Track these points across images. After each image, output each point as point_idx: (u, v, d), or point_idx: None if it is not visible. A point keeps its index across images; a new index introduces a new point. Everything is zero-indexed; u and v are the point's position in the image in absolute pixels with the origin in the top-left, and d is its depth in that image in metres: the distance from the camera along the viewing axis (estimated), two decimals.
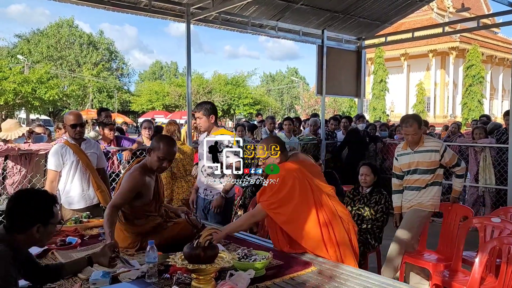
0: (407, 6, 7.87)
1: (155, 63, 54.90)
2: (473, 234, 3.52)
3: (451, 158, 3.68)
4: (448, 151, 3.70)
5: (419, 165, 3.71)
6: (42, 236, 1.84)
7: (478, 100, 26.22)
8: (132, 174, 2.70)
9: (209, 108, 3.61)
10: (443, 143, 3.74)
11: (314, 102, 36.25)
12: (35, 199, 1.85)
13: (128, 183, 2.66)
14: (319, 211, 2.63)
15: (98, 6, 5.68)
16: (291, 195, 2.61)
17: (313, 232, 2.59)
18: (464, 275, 3.23)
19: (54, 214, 1.88)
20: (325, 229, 2.61)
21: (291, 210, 2.60)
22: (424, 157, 3.69)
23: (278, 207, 2.61)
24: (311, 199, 2.64)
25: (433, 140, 3.81)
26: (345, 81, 8.30)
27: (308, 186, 2.66)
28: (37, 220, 1.81)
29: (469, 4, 25.43)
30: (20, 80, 24.30)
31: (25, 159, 4.50)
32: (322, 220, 2.62)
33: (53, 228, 1.90)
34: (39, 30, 38.90)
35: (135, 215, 2.71)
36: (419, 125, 3.70)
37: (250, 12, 7.07)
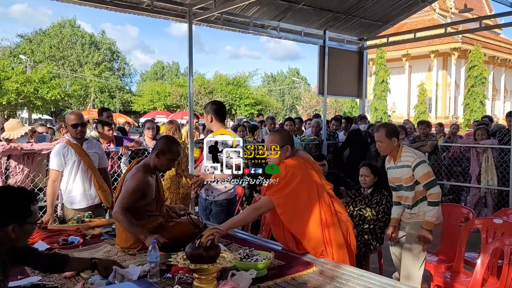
0: (409, 6, 7.86)
1: (157, 63, 55.03)
2: (474, 236, 3.52)
3: (423, 175, 3.25)
4: (421, 166, 3.26)
5: (402, 181, 3.40)
6: (18, 236, 1.71)
7: (480, 101, 26.18)
8: (136, 175, 2.71)
9: (218, 109, 3.62)
10: (417, 157, 3.32)
11: (315, 103, 36.23)
12: (9, 197, 1.72)
13: (133, 183, 2.68)
14: (322, 210, 2.62)
15: (100, 6, 5.68)
16: (298, 190, 2.60)
17: (315, 232, 2.59)
18: (466, 276, 3.23)
19: (32, 213, 1.75)
20: (326, 229, 2.61)
21: (296, 206, 2.59)
22: (402, 172, 3.37)
23: (284, 202, 2.60)
24: (316, 196, 2.64)
25: (408, 154, 3.37)
26: (347, 82, 8.30)
27: (314, 183, 2.66)
28: (12, 219, 1.68)
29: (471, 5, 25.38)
30: (23, 80, 24.34)
31: (28, 158, 4.52)
32: (324, 220, 2.61)
33: (31, 227, 1.79)
34: (42, 30, 39.01)
35: (137, 216, 2.71)
36: (388, 134, 3.38)
37: (252, 13, 7.07)
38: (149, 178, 2.77)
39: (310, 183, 2.65)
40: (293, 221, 2.60)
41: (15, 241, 1.75)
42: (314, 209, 2.61)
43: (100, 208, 3.82)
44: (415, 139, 6.97)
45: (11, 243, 1.76)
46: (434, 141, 6.79)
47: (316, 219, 2.60)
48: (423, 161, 3.31)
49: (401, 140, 3.59)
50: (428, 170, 3.28)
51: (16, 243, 1.78)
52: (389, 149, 3.43)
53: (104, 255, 2.58)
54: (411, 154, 3.36)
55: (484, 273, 2.84)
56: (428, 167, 3.31)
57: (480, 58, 26.44)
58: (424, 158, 3.39)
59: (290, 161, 2.70)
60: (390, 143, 3.40)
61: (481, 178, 6.28)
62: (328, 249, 2.59)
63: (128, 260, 2.50)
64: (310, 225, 2.60)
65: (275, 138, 2.77)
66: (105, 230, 3.11)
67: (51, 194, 3.56)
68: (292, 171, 2.63)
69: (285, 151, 2.73)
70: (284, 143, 2.73)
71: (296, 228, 2.61)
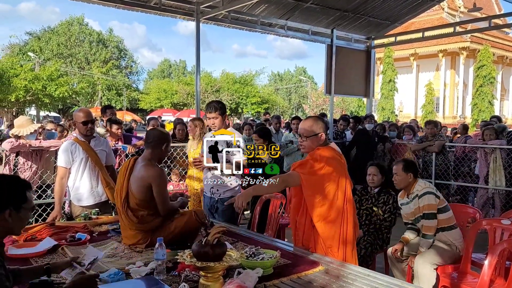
0: (417, 6, 7.83)
1: (164, 61, 55.11)
2: (482, 236, 3.50)
3: (426, 205, 3.34)
4: (427, 197, 3.35)
5: (417, 212, 3.45)
6: (14, 222, 1.75)
7: (489, 101, 25.95)
8: (160, 170, 2.79)
9: (223, 107, 3.69)
10: (426, 187, 3.41)
11: (322, 102, 36.13)
12: (4, 181, 1.78)
13: (164, 178, 2.81)
14: (345, 205, 2.62)
15: (109, 5, 5.72)
16: (329, 178, 2.59)
17: (332, 227, 2.60)
18: (473, 277, 3.20)
19: (27, 199, 1.80)
20: (343, 227, 2.62)
21: (323, 192, 2.59)
22: (414, 204, 3.46)
23: (313, 185, 2.60)
24: (343, 190, 2.63)
25: (420, 184, 3.47)
26: (354, 81, 8.27)
27: (344, 177, 2.65)
28: (8, 203, 1.73)
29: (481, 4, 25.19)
30: (31, 77, 24.55)
31: (36, 155, 4.55)
32: (344, 216, 2.62)
33: (26, 214, 1.82)
34: (50, 28, 39.22)
35: (149, 212, 2.74)
36: (404, 168, 3.46)
37: (260, 11, 7.07)
38: None
39: (340, 175, 2.63)
40: (316, 207, 2.60)
41: (12, 228, 1.79)
42: (338, 201, 2.61)
43: (107, 205, 3.85)
44: (422, 139, 6.94)
45: (7, 230, 1.80)
46: (442, 141, 6.75)
47: (337, 212, 2.60)
48: (431, 193, 3.38)
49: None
50: (431, 203, 3.34)
51: (12, 230, 1.82)
52: (403, 183, 3.53)
53: (111, 252, 2.59)
54: (422, 185, 3.45)
55: (491, 274, 2.82)
56: (433, 200, 3.36)
57: (489, 57, 26.21)
58: (433, 190, 3.43)
59: (325, 150, 2.66)
60: (406, 177, 3.50)
61: (489, 178, 6.24)
62: (340, 247, 2.59)
63: (135, 257, 2.51)
64: (331, 217, 2.59)
65: (309, 124, 2.72)
66: (112, 227, 3.12)
67: (59, 191, 3.59)
68: (327, 160, 2.60)
69: (319, 138, 2.68)
70: (318, 130, 2.69)
71: (317, 215, 2.61)
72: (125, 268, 2.25)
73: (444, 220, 3.39)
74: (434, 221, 3.34)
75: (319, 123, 2.72)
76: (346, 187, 2.65)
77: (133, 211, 2.72)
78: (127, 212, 2.71)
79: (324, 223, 2.61)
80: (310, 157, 2.69)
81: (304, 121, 2.82)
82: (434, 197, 3.38)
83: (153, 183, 2.69)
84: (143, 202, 2.71)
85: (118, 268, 2.22)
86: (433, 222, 3.33)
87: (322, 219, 2.61)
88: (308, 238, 2.71)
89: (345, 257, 2.62)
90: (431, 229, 3.35)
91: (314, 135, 2.68)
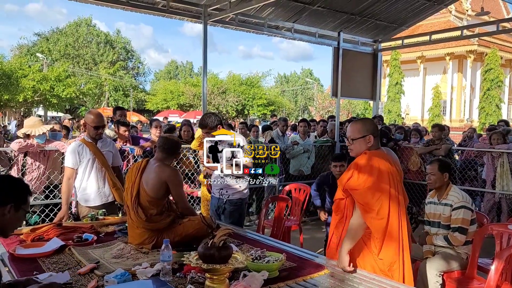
0: (424, 9, 7.80)
1: (171, 62, 55.30)
2: (488, 241, 3.48)
3: (459, 219, 3.32)
4: (463, 211, 3.32)
5: (441, 218, 3.47)
6: (10, 219, 1.83)
7: (496, 104, 25.80)
8: (175, 170, 2.94)
9: (217, 120, 3.62)
10: (463, 201, 3.36)
11: (329, 104, 36.08)
12: (11, 180, 1.92)
13: (180, 178, 2.94)
14: (400, 224, 2.46)
15: (117, 7, 5.76)
16: (376, 189, 2.41)
17: (392, 241, 2.44)
18: (479, 282, 3.19)
19: (27, 202, 1.91)
20: (401, 240, 2.46)
21: (379, 201, 2.41)
22: (444, 210, 3.45)
23: (361, 199, 2.42)
24: (396, 205, 2.46)
25: (456, 194, 3.43)
26: (361, 84, 8.25)
27: (395, 189, 2.45)
28: (11, 199, 1.82)
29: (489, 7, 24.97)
30: (39, 78, 24.76)
31: (44, 156, 4.59)
32: (401, 231, 2.46)
33: (22, 215, 1.93)
34: (58, 29, 39.52)
35: (158, 211, 2.81)
36: (441, 168, 3.45)
37: (267, 14, 7.08)
38: None
39: (393, 181, 2.45)
40: (373, 219, 2.40)
41: (5, 226, 1.86)
42: (392, 218, 2.44)
43: (114, 206, 3.88)
44: (429, 142, 6.91)
45: (2, 226, 1.86)
46: (449, 144, 6.72)
47: (395, 225, 2.44)
48: (467, 208, 3.35)
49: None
50: (466, 218, 3.32)
51: (5, 228, 1.89)
52: (438, 183, 3.52)
53: (118, 252, 2.61)
54: (458, 196, 3.42)
55: (498, 279, 2.81)
56: (468, 216, 3.34)
57: (497, 61, 26.06)
58: (469, 205, 3.40)
59: (373, 155, 2.48)
60: (441, 177, 3.50)
61: (496, 183, 6.19)
62: (400, 263, 2.44)
63: (141, 258, 2.53)
64: (391, 228, 2.43)
65: (356, 126, 2.58)
66: (118, 228, 3.15)
67: (66, 192, 3.62)
68: (370, 169, 2.43)
69: (367, 141, 2.52)
70: (366, 132, 2.52)
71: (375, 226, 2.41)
72: (131, 269, 2.26)
73: (471, 233, 3.38)
74: (464, 236, 3.35)
75: (367, 125, 2.57)
76: (399, 202, 2.45)
77: (144, 209, 2.77)
78: (137, 209, 2.76)
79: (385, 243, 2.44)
80: (354, 166, 2.51)
81: (353, 123, 2.66)
82: (470, 212, 3.38)
83: (170, 182, 2.82)
84: (155, 200, 2.79)
85: (125, 269, 2.24)
86: (464, 237, 3.34)
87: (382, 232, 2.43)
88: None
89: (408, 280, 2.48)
90: (461, 242, 3.34)
91: (361, 138, 2.53)
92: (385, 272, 2.43)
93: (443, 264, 3.30)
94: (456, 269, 3.33)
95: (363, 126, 2.56)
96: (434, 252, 3.47)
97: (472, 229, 3.40)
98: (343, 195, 2.57)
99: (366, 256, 2.48)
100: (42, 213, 4.57)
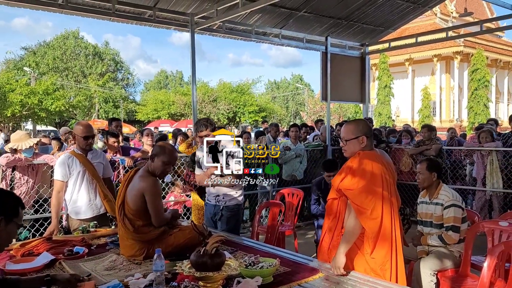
0: (410, 11, 7.88)
1: (160, 72, 55.23)
2: (481, 239, 3.50)
3: (451, 217, 3.36)
4: (454, 209, 3.36)
5: (433, 218, 3.50)
6: (2, 233, 1.81)
7: (484, 104, 26.11)
8: (154, 181, 2.78)
9: (212, 124, 3.78)
10: (453, 199, 3.41)
11: (320, 109, 36.21)
12: (2, 193, 1.89)
13: (158, 189, 2.79)
14: (393, 225, 2.47)
15: (104, 18, 5.75)
16: (369, 191, 2.42)
17: (384, 242, 2.44)
18: (473, 280, 3.20)
19: (19, 215, 1.87)
20: (394, 242, 2.47)
21: (373, 202, 2.42)
22: (435, 209, 3.49)
23: (359, 196, 2.42)
24: (389, 207, 2.47)
25: (446, 193, 3.48)
26: (350, 87, 8.30)
27: (388, 191, 2.46)
28: (1, 212, 1.79)
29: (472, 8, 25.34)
30: (27, 92, 24.54)
31: (32, 170, 4.55)
32: (394, 232, 2.47)
33: (13, 230, 1.88)
34: (45, 42, 39.32)
35: (144, 223, 2.74)
36: (429, 168, 3.50)
37: (254, 21, 7.11)
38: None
39: (386, 182, 2.46)
40: (367, 219, 2.41)
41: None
42: (385, 220, 2.45)
43: (106, 218, 3.83)
44: (420, 143, 6.96)
45: None
46: (439, 144, 6.77)
47: (388, 225, 2.45)
48: (457, 206, 3.39)
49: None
50: (457, 216, 3.36)
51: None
52: (427, 182, 3.55)
53: (110, 264, 2.58)
54: (448, 194, 3.46)
55: (491, 276, 2.82)
56: (459, 214, 3.38)
57: (483, 61, 26.42)
58: (459, 203, 3.43)
59: (366, 156, 2.49)
60: (430, 177, 3.53)
61: (486, 181, 6.25)
62: (393, 263, 2.45)
63: (134, 269, 2.50)
64: (384, 229, 2.44)
65: (349, 127, 2.61)
66: (110, 239, 3.11)
67: (56, 205, 3.58)
68: (363, 171, 2.45)
69: (360, 142, 2.54)
70: (359, 133, 2.55)
71: (370, 226, 2.43)
72: (124, 280, 2.24)
73: (462, 231, 3.41)
74: (458, 234, 3.38)
75: (360, 126, 2.59)
76: (392, 203, 2.47)
77: (130, 220, 2.74)
78: (124, 220, 2.73)
79: (378, 242, 2.45)
80: (347, 168, 2.52)
81: (346, 124, 2.70)
82: (460, 210, 3.41)
83: (146, 194, 2.71)
84: (137, 212, 2.73)
85: (118, 280, 2.21)
86: (457, 235, 3.37)
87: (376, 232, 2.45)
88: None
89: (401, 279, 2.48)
90: (455, 241, 3.37)
91: (354, 138, 2.55)
92: (377, 272, 2.44)
93: (437, 263, 3.31)
94: (450, 267, 3.35)
95: (356, 127, 2.59)
96: (428, 251, 3.49)
97: (464, 227, 3.42)
98: (336, 195, 2.59)
99: (357, 255, 2.49)
100: (32, 228, 4.51)
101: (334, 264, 2.39)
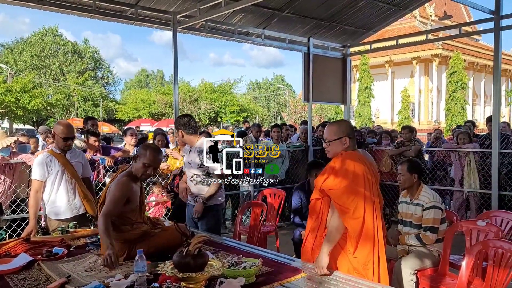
0: (390, 14, 8.00)
1: (141, 71, 54.76)
2: (459, 238, 3.57)
3: (430, 219, 3.42)
4: (434, 211, 3.41)
5: (413, 218, 3.56)
6: None
7: (461, 106, 26.71)
8: (121, 181, 2.71)
9: (186, 123, 3.67)
10: (433, 201, 3.47)
11: (301, 109, 36.44)
12: None
13: (119, 189, 2.67)
14: (375, 224, 2.48)
15: (84, 15, 5.64)
16: (351, 191, 2.44)
17: (367, 241, 2.45)
18: (452, 278, 3.26)
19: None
20: (376, 241, 2.49)
21: (355, 202, 2.43)
22: (416, 210, 3.54)
23: (341, 197, 2.44)
24: (371, 206, 2.49)
25: (427, 195, 3.53)
26: (331, 88, 8.36)
27: (370, 191, 2.48)
28: None
29: (451, 12, 25.92)
30: (3, 90, 23.99)
31: (9, 169, 4.44)
32: (376, 231, 2.48)
33: None
34: (23, 39, 38.46)
35: (121, 222, 2.70)
36: (409, 169, 3.56)
37: (237, 20, 7.10)
38: (133, 184, 2.77)
39: (368, 182, 2.48)
40: (349, 219, 2.43)
41: None
42: (367, 220, 2.47)
43: (85, 218, 3.77)
44: (399, 144, 7.06)
45: None
46: (418, 145, 6.89)
47: (370, 225, 2.46)
48: (437, 207, 3.44)
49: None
50: (437, 217, 3.42)
51: None
52: (408, 183, 3.61)
53: (90, 265, 2.53)
54: (429, 196, 3.51)
55: (469, 275, 2.88)
56: (439, 215, 3.44)
57: (460, 64, 27.01)
58: (439, 205, 3.48)
59: (348, 157, 2.51)
60: (410, 178, 3.59)
61: (464, 181, 6.39)
62: (375, 263, 2.47)
63: (114, 270, 2.46)
64: (366, 228, 2.46)
65: (332, 128, 2.63)
66: (90, 240, 3.05)
67: (33, 205, 3.49)
68: (345, 171, 2.46)
69: (343, 142, 2.56)
70: (341, 134, 2.56)
71: (351, 225, 2.43)
72: (104, 281, 2.20)
73: (441, 231, 3.47)
74: (435, 235, 3.44)
75: (343, 127, 2.61)
76: (374, 203, 2.49)
77: None
78: None
79: (360, 242, 2.47)
80: (329, 169, 2.54)
81: (329, 124, 2.71)
82: (440, 211, 3.47)
83: (111, 185, 2.72)
84: None
85: (98, 281, 2.17)
86: (435, 236, 3.43)
87: (358, 231, 2.46)
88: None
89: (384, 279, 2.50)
90: (432, 241, 3.43)
91: (337, 139, 2.57)
92: (359, 271, 2.47)
93: (416, 262, 3.36)
94: (429, 266, 3.41)
95: (338, 128, 2.61)
96: (408, 251, 3.54)
97: (443, 228, 3.48)
98: (319, 195, 2.60)
99: (340, 255, 2.51)
100: (9, 228, 4.40)
101: (318, 264, 2.40)
